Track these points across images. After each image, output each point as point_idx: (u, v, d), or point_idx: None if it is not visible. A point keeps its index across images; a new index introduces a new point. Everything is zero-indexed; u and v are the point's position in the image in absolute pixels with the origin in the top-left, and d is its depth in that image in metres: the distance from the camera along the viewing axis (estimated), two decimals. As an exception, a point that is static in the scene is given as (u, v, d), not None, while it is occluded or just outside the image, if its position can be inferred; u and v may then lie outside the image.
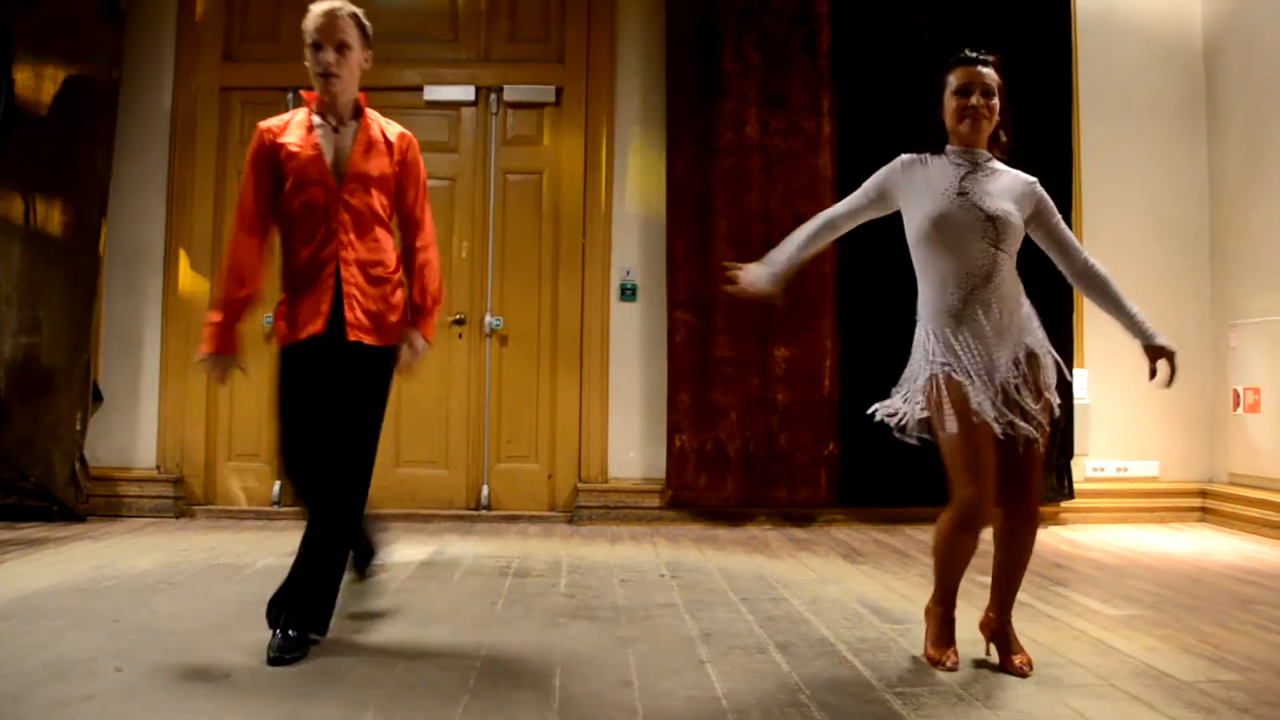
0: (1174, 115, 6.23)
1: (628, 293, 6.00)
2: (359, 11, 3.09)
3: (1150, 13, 6.28)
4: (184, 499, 5.86)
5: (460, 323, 6.02)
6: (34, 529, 5.26)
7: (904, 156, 2.93)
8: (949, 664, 2.80)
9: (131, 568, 4.22)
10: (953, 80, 2.87)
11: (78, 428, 5.66)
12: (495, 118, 6.15)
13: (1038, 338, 2.95)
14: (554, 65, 6.14)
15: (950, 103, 2.87)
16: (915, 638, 3.15)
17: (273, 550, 4.63)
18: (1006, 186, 2.88)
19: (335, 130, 3.06)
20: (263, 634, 2.91)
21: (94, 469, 5.79)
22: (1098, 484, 6.02)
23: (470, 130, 6.15)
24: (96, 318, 5.83)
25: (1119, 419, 6.06)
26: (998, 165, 2.93)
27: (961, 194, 2.81)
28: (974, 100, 2.84)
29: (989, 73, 2.88)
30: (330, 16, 3.00)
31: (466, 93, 6.12)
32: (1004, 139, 2.98)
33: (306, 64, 3.03)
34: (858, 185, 3.03)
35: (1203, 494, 6.00)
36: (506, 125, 6.17)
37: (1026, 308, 2.95)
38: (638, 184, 6.06)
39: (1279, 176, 5.60)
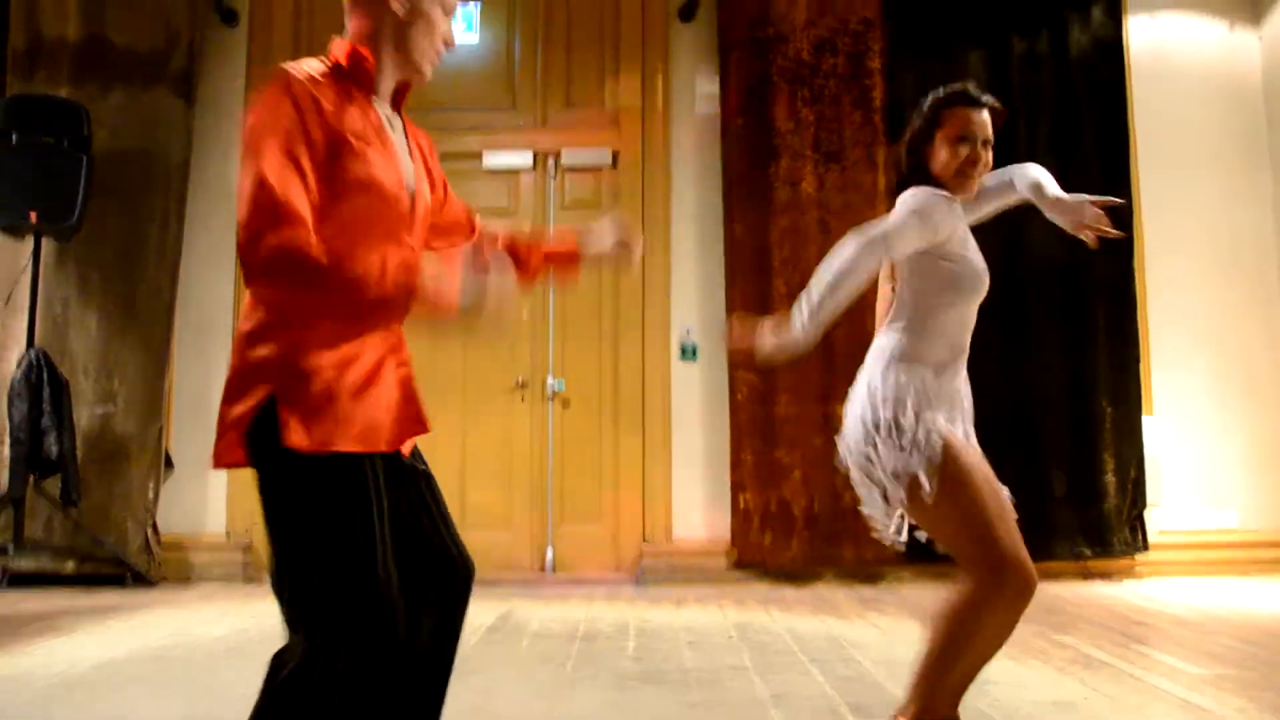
0: (1236, 155, 6.16)
1: (688, 353, 6.01)
2: None
3: (1205, 54, 6.25)
4: (253, 564, 5.93)
5: (523, 386, 6.07)
6: (108, 595, 5.35)
7: (942, 192, 2.46)
8: None
9: (204, 634, 4.27)
10: (955, 122, 2.47)
11: (150, 495, 5.77)
12: (553, 182, 6.24)
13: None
14: (610, 129, 6.24)
15: (943, 151, 2.46)
16: (993, 699, 3.08)
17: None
18: None
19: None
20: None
21: (165, 536, 5.88)
22: (1173, 535, 5.86)
23: (529, 195, 6.25)
24: (168, 387, 5.97)
25: (1192, 467, 5.93)
26: None
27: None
28: (976, 153, 2.46)
29: (988, 118, 2.51)
30: None
31: (525, 158, 6.24)
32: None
33: (425, 11, 1.83)
34: None
35: (1285, 545, 5.83)
36: (565, 189, 6.26)
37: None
38: (696, 244, 6.10)
39: (1350, 217, 5.50)
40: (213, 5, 6.22)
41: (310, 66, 1.75)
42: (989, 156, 2.49)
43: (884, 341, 2.51)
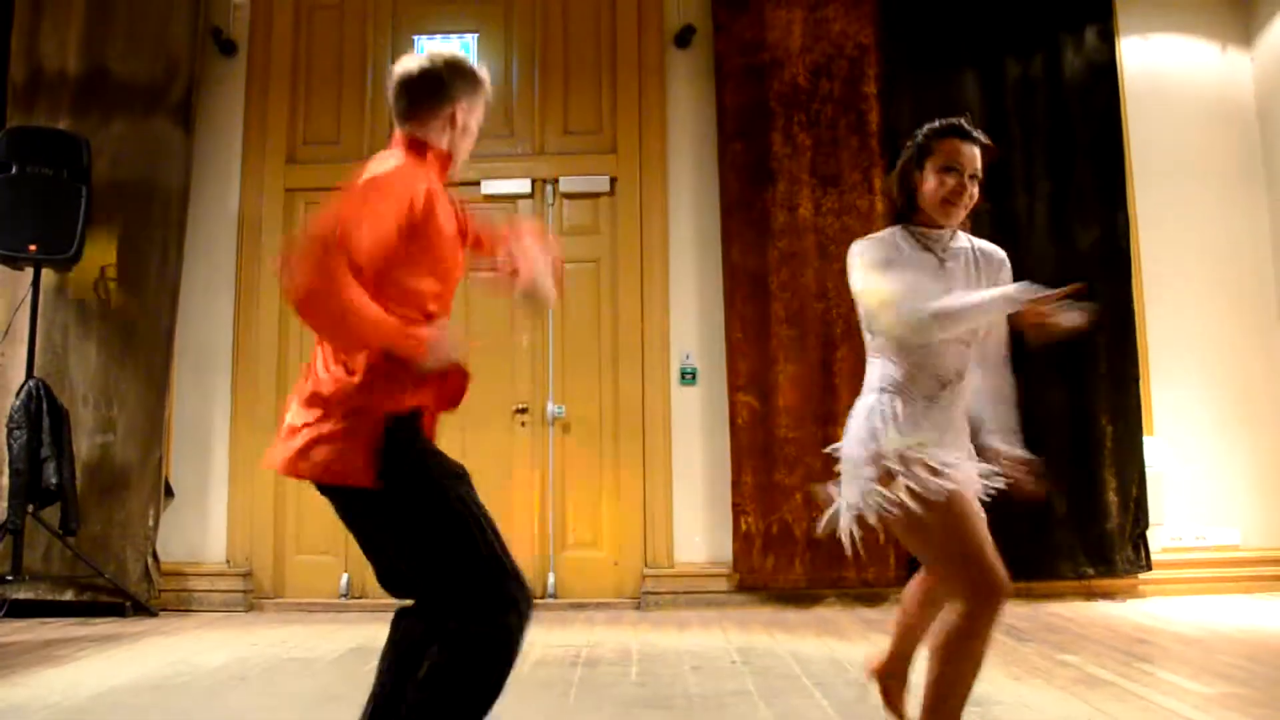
0: (1230, 175, 6.20)
1: (688, 377, 6.02)
2: None
3: (1199, 76, 6.29)
4: (253, 593, 5.91)
5: (523, 412, 6.07)
6: (108, 624, 5.33)
7: (885, 234, 2.58)
8: None
9: (205, 663, 4.25)
10: (944, 152, 2.52)
11: (150, 524, 5.76)
12: (552, 209, 6.27)
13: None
14: (608, 155, 6.27)
15: (931, 180, 2.52)
16: (995, 719, 3.07)
17: (342, 643, 4.65)
18: (976, 266, 2.61)
19: None
20: (338, 728, 2.90)
21: (165, 564, 5.87)
22: (1176, 554, 5.85)
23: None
24: (168, 415, 5.97)
25: (1194, 486, 5.92)
26: (961, 238, 2.63)
27: (941, 280, 2.52)
28: (962, 184, 2.51)
29: (978, 153, 2.53)
30: None
31: (523, 185, 6.26)
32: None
33: (471, 127, 2.45)
34: None
35: (1288, 563, 5.82)
36: (563, 216, 6.28)
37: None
38: (694, 268, 6.12)
39: (1345, 236, 5.52)
40: (212, 36, 6.27)
41: (411, 163, 2.27)
42: (975, 190, 2.54)
43: (872, 374, 2.61)
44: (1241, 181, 6.19)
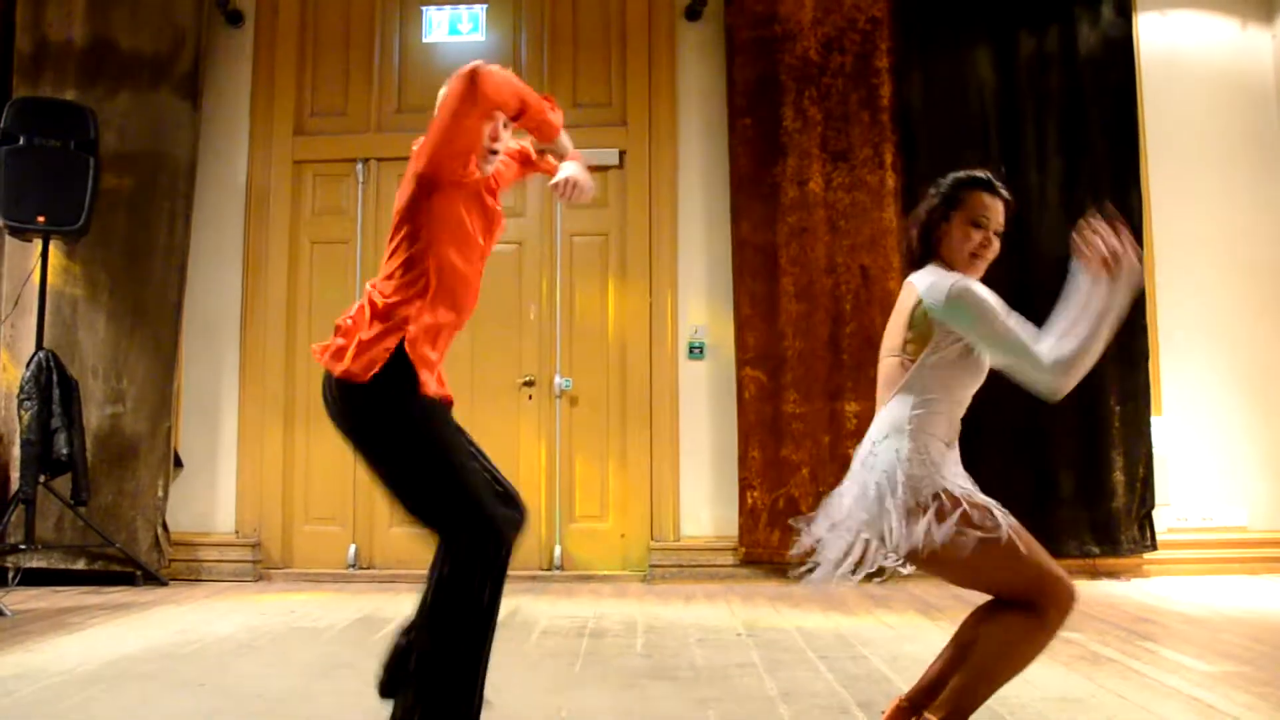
0: (1247, 154, 6.14)
1: (696, 351, 6.02)
2: None
3: (1217, 52, 6.22)
4: (262, 562, 5.95)
5: (530, 384, 6.08)
6: (119, 593, 5.37)
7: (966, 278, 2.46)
8: None
9: (214, 631, 4.28)
10: (973, 206, 2.47)
11: (160, 494, 5.79)
12: (560, 181, 6.23)
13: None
14: (617, 128, 6.24)
15: (961, 230, 2.47)
16: (1000, 695, 3.06)
17: (350, 612, 4.68)
18: None
19: None
20: (345, 695, 2.92)
21: (175, 534, 5.91)
22: (1181, 534, 5.85)
23: (536, 194, 6.24)
24: (177, 386, 5.99)
25: (1201, 467, 5.92)
26: None
27: None
28: (988, 239, 2.49)
29: (1003, 209, 2.50)
30: None
31: (531, 158, 6.22)
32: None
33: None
34: None
35: (1295, 544, 5.81)
36: (571, 188, 6.25)
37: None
38: (703, 242, 6.10)
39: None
40: (218, 6, 6.24)
41: None
42: (998, 246, 2.51)
43: (897, 411, 2.56)
44: (1258, 161, 6.13)
